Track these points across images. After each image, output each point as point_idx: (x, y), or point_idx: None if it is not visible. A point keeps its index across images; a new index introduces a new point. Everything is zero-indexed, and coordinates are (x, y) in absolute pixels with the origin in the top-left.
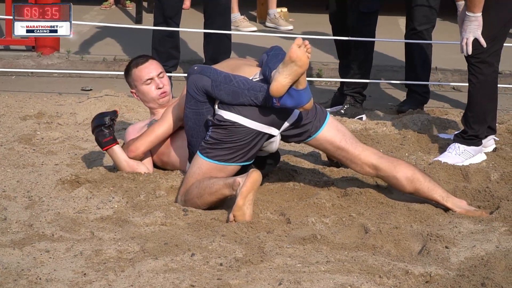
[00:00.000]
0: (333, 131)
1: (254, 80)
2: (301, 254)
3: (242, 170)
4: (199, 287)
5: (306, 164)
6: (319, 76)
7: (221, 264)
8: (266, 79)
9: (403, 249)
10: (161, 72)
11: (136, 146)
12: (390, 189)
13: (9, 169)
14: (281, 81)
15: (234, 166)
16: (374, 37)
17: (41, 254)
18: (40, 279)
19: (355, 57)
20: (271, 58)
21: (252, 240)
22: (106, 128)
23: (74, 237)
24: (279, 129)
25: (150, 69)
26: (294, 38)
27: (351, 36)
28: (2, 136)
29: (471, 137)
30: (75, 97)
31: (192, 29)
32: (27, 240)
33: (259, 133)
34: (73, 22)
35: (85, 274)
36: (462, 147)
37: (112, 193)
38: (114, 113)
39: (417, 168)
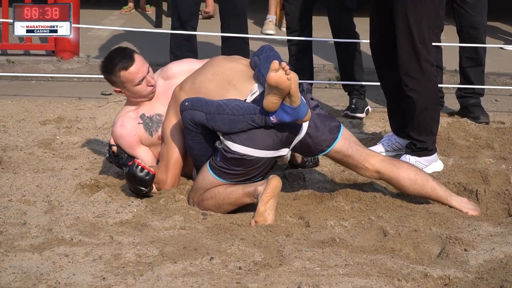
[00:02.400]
0: (342, 141)
1: (253, 95)
2: (320, 257)
3: None
4: None
5: (323, 170)
6: (331, 79)
7: (240, 268)
8: (263, 91)
9: (422, 252)
10: (148, 67)
11: (172, 185)
12: None
13: (28, 174)
14: (270, 100)
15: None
16: (357, 33)
17: (60, 259)
18: (59, 283)
19: (350, 57)
20: (262, 63)
21: (271, 244)
22: (115, 161)
23: (93, 241)
24: (288, 147)
25: (141, 70)
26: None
27: (338, 34)
28: (22, 141)
29: (420, 149)
30: (95, 101)
31: (208, 33)
32: (47, 245)
33: (268, 158)
34: (93, 26)
35: (104, 278)
36: (413, 158)
37: (131, 197)
38: (109, 149)
39: (419, 169)
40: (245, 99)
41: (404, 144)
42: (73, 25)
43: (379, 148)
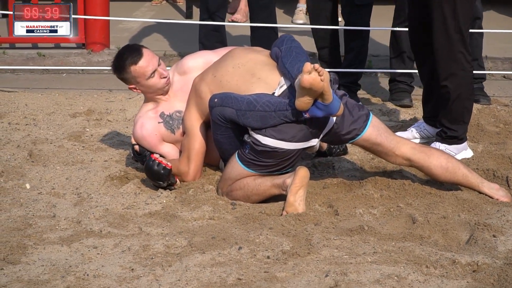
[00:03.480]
0: (371, 129)
1: (281, 88)
2: (348, 245)
3: None
4: (246, 280)
5: (352, 158)
6: (369, 67)
7: (268, 257)
8: (291, 84)
9: (451, 238)
10: (158, 60)
11: (194, 176)
12: None
13: (58, 167)
14: (303, 100)
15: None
16: (366, 31)
17: (89, 251)
18: (87, 275)
19: (351, 48)
20: (285, 56)
21: (299, 233)
22: (140, 159)
23: (122, 233)
24: (318, 137)
25: (151, 62)
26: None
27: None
28: (52, 134)
29: (450, 137)
30: (125, 93)
31: (237, 23)
32: (75, 237)
33: (299, 150)
34: (123, 19)
35: (132, 269)
36: (443, 146)
37: (161, 189)
38: (132, 149)
39: (450, 156)
40: (273, 92)
41: (433, 133)
42: (103, 17)
43: (408, 134)
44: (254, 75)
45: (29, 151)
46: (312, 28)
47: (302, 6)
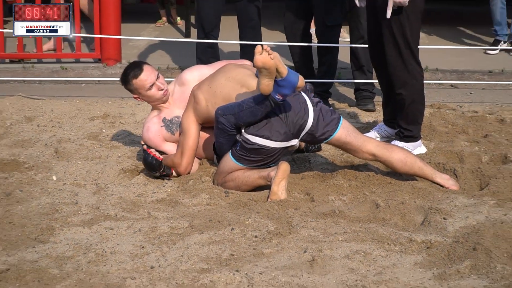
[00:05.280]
0: (342, 130)
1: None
2: (323, 226)
3: None
4: (238, 255)
5: (325, 154)
6: (338, 78)
7: (256, 236)
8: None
9: (408, 221)
10: (157, 75)
11: (186, 168)
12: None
13: (79, 162)
14: (264, 82)
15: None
16: (335, 48)
17: (106, 231)
18: (105, 252)
19: (323, 62)
20: None
21: (282, 216)
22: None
23: (134, 217)
24: (298, 138)
25: (149, 76)
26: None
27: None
28: (73, 134)
29: (407, 136)
30: (135, 100)
31: (228, 41)
32: (95, 220)
33: (281, 148)
34: (132, 38)
35: (143, 247)
36: (401, 143)
37: (166, 180)
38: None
39: (408, 152)
40: None
41: (392, 133)
42: (115, 37)
43: (371, 134)
44: (243, 85)
45: (55, 148)
46: (289, 45)
47: None
